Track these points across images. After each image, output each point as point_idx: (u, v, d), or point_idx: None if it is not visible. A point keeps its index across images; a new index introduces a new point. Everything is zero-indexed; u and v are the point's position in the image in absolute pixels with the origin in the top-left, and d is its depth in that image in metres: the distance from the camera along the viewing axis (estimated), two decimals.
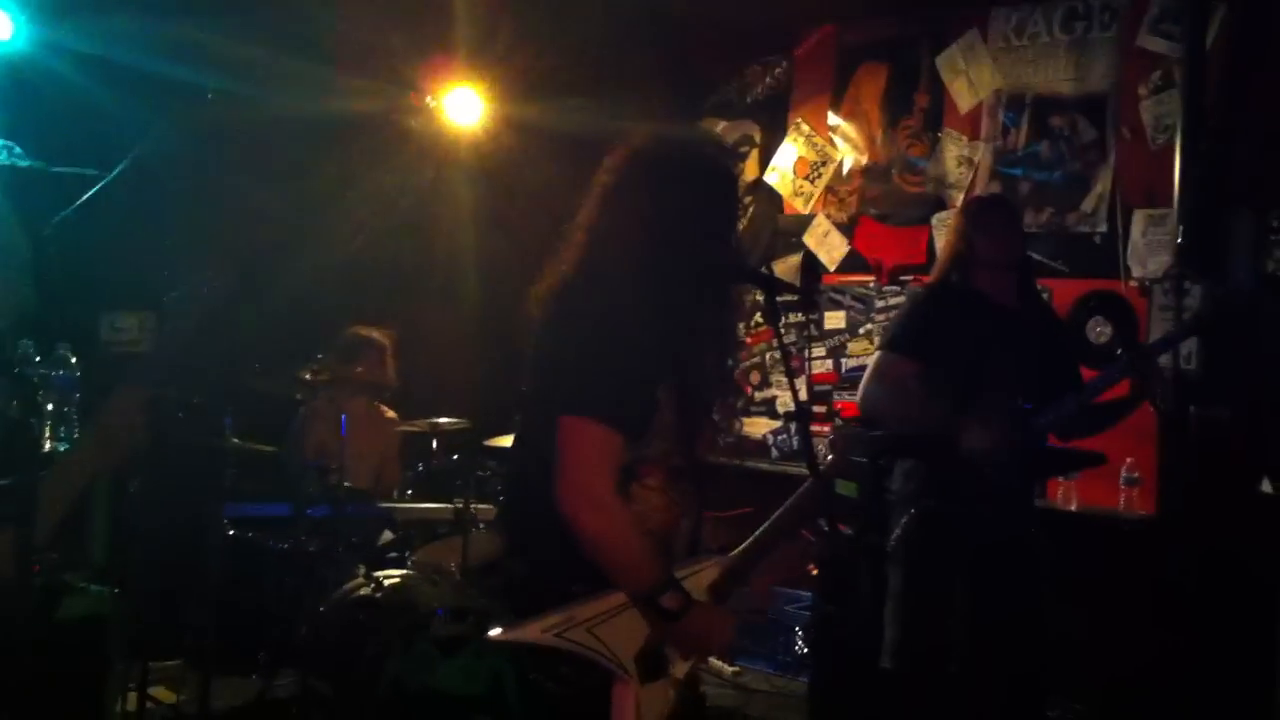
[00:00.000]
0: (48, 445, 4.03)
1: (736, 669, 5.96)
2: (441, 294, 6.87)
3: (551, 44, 6.51)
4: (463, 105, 6.71)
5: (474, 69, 6.64)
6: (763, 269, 4.81)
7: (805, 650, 5.69)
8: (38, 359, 4.45)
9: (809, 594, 5.18)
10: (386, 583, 4.82)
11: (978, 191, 6.10)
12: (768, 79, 6.91)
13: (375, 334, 5.75)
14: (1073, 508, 5.42)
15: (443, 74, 6.62)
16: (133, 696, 4.56)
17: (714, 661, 5.70)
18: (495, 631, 2.48)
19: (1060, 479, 5.48)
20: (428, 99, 6.62)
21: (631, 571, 2.46)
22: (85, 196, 5.22)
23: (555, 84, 6.63)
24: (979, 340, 4.01)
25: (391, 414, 5.88)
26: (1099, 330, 5.72)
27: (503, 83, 6.72)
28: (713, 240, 2.64)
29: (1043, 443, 4.04)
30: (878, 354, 4.18)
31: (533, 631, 2.43)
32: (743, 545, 2.80)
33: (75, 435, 4.02)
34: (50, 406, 4.07)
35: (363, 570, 5.07)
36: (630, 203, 2.62)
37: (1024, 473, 4.07)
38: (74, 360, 4.70)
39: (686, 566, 2.65)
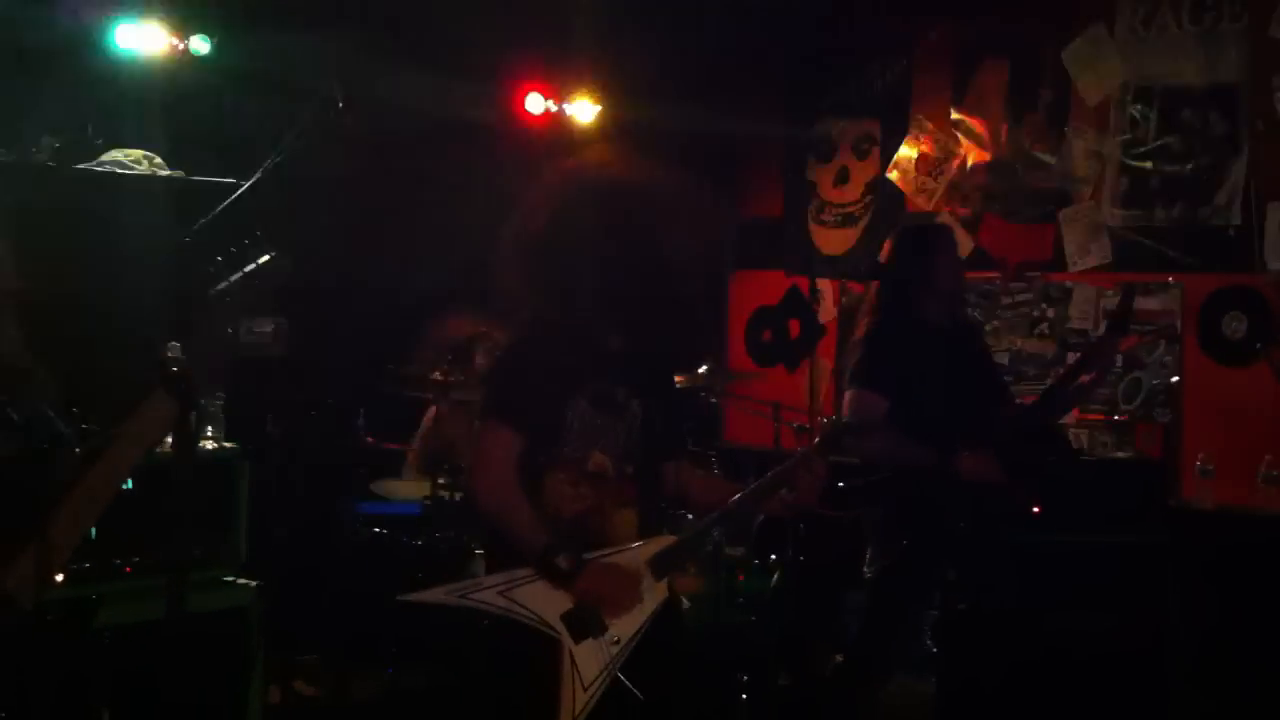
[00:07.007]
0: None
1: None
2: None
3: (669, 46, 6.53)
4: (580, 108, 6.77)
5: (592, 72, 6.69)
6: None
7: (934, 649, 5.63)
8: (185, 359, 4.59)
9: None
10: None
11: (1106, 187, 6.02)
12: (887, 76, 6.87)
13: (482, 326, 5.80)
14: (1209, 506, 5.31)
15: (560, 78, 6.68)
16: (274, 689, 4.69)
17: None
18: (407, 596, 2.97)
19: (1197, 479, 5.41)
20: (546, 102, 6.67)
21: (522, 539, 2.89)
22: (223, 204, 5.35)
23: (672, 86, 6.66)
24: (930, 369, 4.12)
25: None
26: (1234, 327, 5.62)
27: (620, 85, 6.76)
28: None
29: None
30: (849, 392, 4.24)
31: (438, 594, 2.92)
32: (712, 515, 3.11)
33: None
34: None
35: None
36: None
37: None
38: None
39: (622, 547, 2.95)
